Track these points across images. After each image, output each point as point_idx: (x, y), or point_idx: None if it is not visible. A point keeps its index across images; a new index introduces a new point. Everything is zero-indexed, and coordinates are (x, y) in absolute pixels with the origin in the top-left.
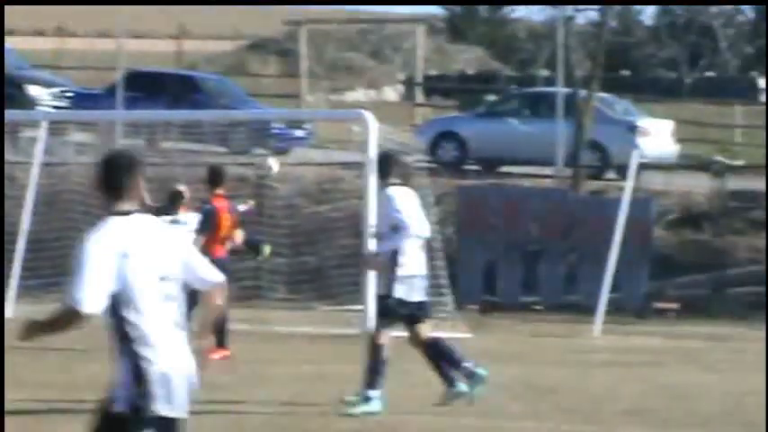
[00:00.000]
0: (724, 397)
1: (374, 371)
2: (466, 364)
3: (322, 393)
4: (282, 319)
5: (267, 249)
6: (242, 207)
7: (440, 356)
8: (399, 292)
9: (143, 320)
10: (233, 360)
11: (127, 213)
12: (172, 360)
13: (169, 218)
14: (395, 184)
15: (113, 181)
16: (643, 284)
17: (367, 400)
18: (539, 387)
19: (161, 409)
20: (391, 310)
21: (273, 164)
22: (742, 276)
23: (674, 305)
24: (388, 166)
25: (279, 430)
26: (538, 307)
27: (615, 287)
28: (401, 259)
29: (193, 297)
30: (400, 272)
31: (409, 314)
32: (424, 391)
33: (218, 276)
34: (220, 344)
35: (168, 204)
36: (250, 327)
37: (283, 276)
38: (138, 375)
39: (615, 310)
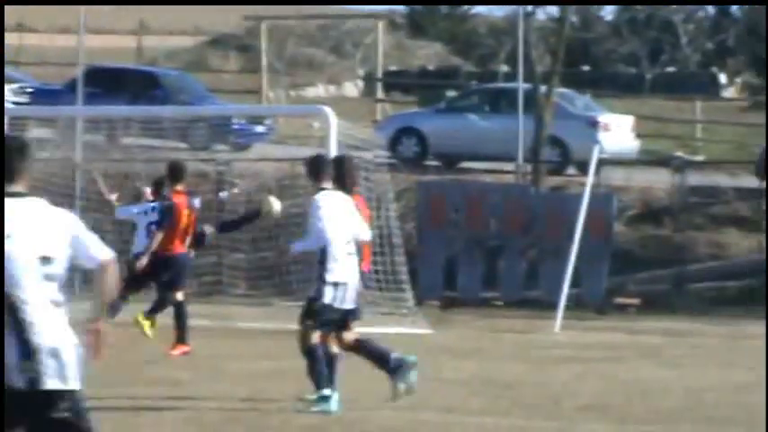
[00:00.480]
0: (684, 392)
1: (314, 371)
2: (394, 356)
3: (282, 389)
4: (242, 314)
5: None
6: (197, 201)
7: (368, 356)
8: (327, 297)
9: (26, 298)
10: (193, 356)
11: (16, 195)
12: (56, 336)
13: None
14: (325, 189)
15: (5, 163)
16: (603, 280)
17: (323, 399)
18: (498, 383)
19: (52, 382)
20: (317, 314)
21: (274, 203)
22: (702, 272)
23: (634, 301)
24: (319, 168)
25: (238, 426)
26: (498, 303)
27: (576, 283)
28: (329, 265)
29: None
30: (329, 277)
31: (337, 320)
32: (385, 386)
33: (106, 254)
34: (181, 340)
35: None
36: (210, 322)
37: (243, 272)
38: (27, 350)
39: (576, 305)
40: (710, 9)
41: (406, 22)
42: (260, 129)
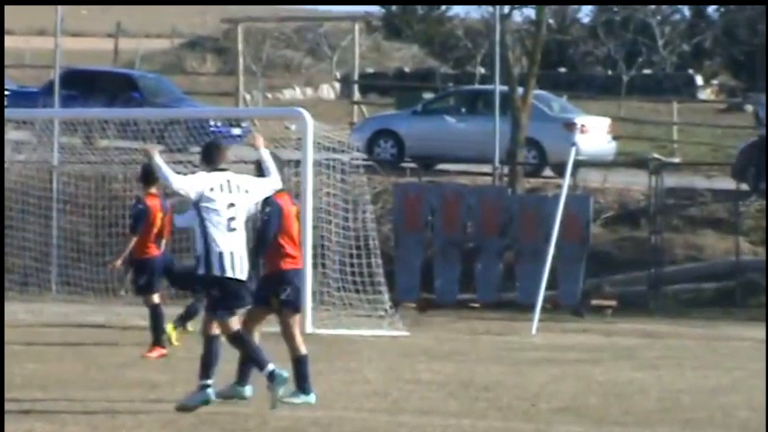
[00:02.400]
0: (660, 394)
1: (205, 362)
2: (268, 368)
3: (259, 391)
4: None
5: None
6: (169, 203)
7: (243, 349)
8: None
9: None
10: (170, 358)
11: None
12: None
13: None
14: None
15: None
16: (580, 282)
17: (202, 388)
18: (475, 385)
19: None
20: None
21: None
22: (679, 274)
23: (610, 302)
24: (210, 154)
25: (215, 428)
26: (475, 305)
27: (552, 285)
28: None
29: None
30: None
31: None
32: (362, 389)
33: None
34: (157, 342)
35: None
36: (190, 326)
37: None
38: None
39: (552, 307)
40: (687, 11)
41: (383, 25)
42: (237, 131)
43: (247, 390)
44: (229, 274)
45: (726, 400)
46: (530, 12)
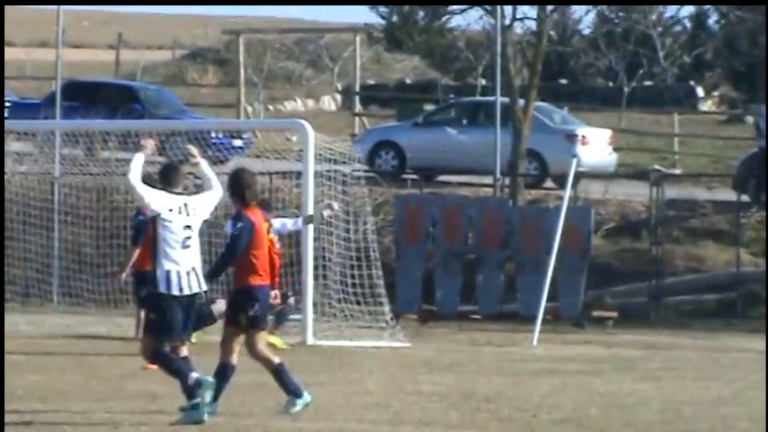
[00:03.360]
0: (662, 405)
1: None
2: (192, 376)
3: (261, 403)
4: (221, 329)
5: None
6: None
7: (163, 368)
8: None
9: None
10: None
11: None
12: None
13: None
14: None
15: None
16: (581, 293)
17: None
18: (477, 396)
19: None
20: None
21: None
22: (680, 285)
23: (612, 314)
24: (169, 176)
25: None
26: (476, 316)
27: (553, 296)
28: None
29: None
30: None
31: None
32: (363, 400)
33: None
34: None
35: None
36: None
37: (222, 286)
38: None
39: (553, 318)
40: (688, 23)
41: (384, 36)
42: (238, 142)
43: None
44: (175, 292)
45: (727, 412)
46: (531, 23)
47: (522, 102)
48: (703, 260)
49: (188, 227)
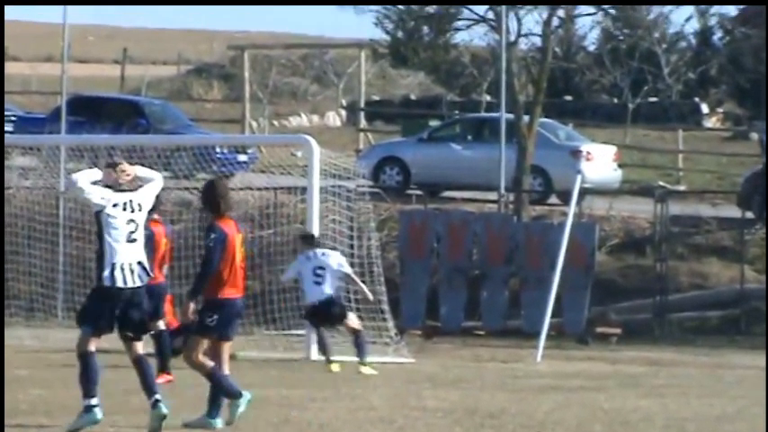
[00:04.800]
0: (665, 422)
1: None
2: (156, 396)
3: (264, 417)
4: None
5: None
6: (170, 230)
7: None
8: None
9: None
10: (176, 384)
11: None
12: None
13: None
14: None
15: None
16: (585, 309)
17: (88, 409)
18: (481, 412)
19: None
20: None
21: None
22: (684, 301)
23: (616, 330)
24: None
25: None
26: (480, 332)
27: (557, 312)
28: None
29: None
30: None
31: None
32: (367, 415)
33: None
34: (163, 368)
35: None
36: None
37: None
38: None
39: (557, 335)
40: (693, 40)
41: (389, 52)
42: (243, 158)
43: (218, 422)
44: (119, 284)
45: (730, 429)
46: (536, 39)
47: (526, 118)
48: (707, 277)
49: (132, 221)
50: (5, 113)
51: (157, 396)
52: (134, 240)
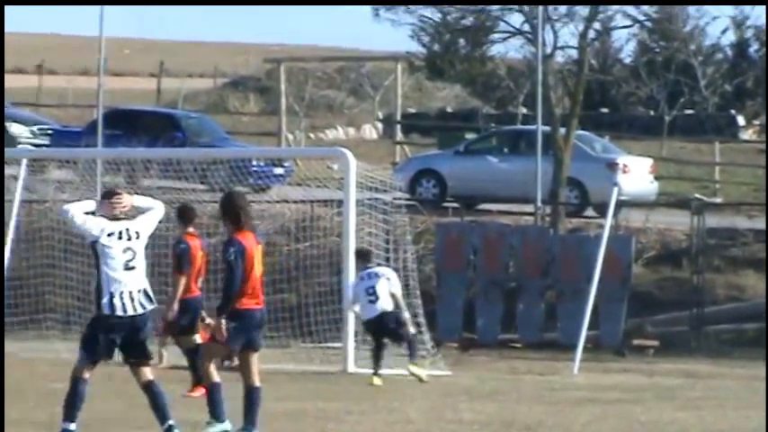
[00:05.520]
0: None
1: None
2: (170, 422)
3: (302, 430)
4: (262, 356)
5: None
6: (206, 243)
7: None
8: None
9: None
10: None
11: None
12: None
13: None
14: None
15: None
16: (622, 322)
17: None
18: (518, 424)
19: None
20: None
21: None
22: (720, 314)
23: (652, 342)
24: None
25: None
26: (517, 344)
27: (594, 324)
28: None
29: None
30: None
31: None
32: (404, 428)
33: None
34: (199, 382)
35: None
36: (229, 364)
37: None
38: None
39: (594, 347)
40: (729, 52)
41: (425, 64)
42: (279, 171)
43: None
44: (119, 313)
45: None
46: (572, 52)
47: (563, 130)
48: (744, 289)
49: (129, 249)
50: (42, 127)
51: (171, 422)
52: (132, 268)
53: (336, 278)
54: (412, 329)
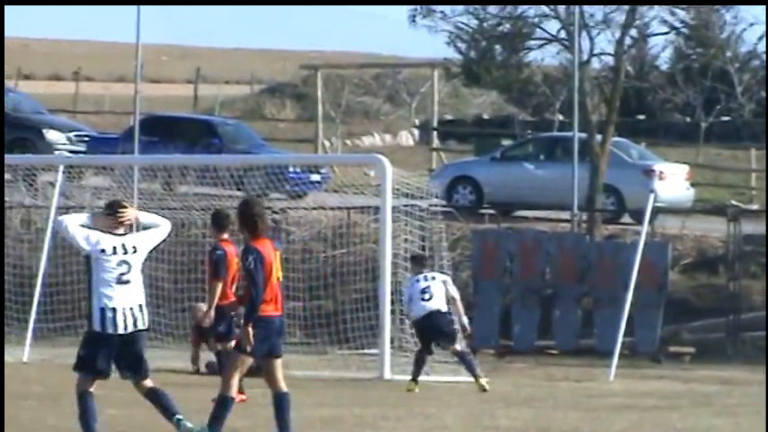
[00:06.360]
0: None
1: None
2: (178, 416)
3: None
4: (299, 363)
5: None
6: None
7: (158, 403)
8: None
9: None
10: (249, 404)
11: None
12: None
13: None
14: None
15: None
16: (658, 328)
17: None
18: (553, 431)
19: None
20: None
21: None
22: (757, 320)
23: (688, 349)
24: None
25: None
26: (553, 351)
27: (630, 331)
28: None
29: None
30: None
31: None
32: None
33: None
34: (238, 389)
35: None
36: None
37: (299, 320)
38: None
39: (630, 354)
40: (765, 58)
41: (462, 71)
42: (316, 177)
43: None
44: (110, 330)
45: None
46: (608, 59)
47: (599, 137)
48: (765, 295)
49: (124, 262)
50: (79, 133)
51: (179, 416)
52: (126, 282)
53: (373, 285)
54: (458, 346)
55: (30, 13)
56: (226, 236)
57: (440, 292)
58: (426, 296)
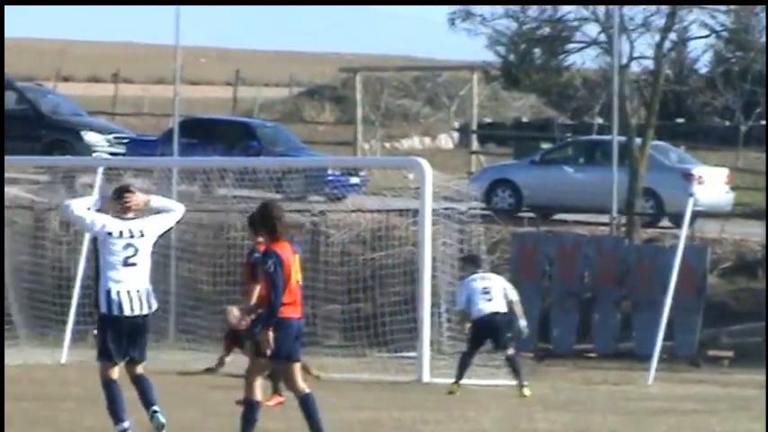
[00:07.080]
0: None
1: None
2: (154, 407)
3: None
4: (337, 365)
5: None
6: None
7: (142, 391)
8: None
9: None
10: (287, 407)
11: None
12: None
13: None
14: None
15: None
16: (697, 332)
17: None
18: None
19: None
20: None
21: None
22: None
23: (727, 353)
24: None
25: None
26: (592, 354)
27: (669, 335)
28: None
29: None
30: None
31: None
32: None
33: None
34: (275, 390)
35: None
36: (304, 374)
37: (338, 323)
38: None
39: (669, 357)
40: None
41: (501, 74)
42: (354, 180)
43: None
44: (116, 313)
45: None
46: (648, 62)
47: (638, 140)
48: (765, 301)
49: (130, 245)
50: (118, 135)
51: (155, 407)
52: (132, 265)
53: (411, 287)
54: (511, 350)
55: (69, 15)
56: (261, 238)
57: (499, 293)
58: (488, 296)
